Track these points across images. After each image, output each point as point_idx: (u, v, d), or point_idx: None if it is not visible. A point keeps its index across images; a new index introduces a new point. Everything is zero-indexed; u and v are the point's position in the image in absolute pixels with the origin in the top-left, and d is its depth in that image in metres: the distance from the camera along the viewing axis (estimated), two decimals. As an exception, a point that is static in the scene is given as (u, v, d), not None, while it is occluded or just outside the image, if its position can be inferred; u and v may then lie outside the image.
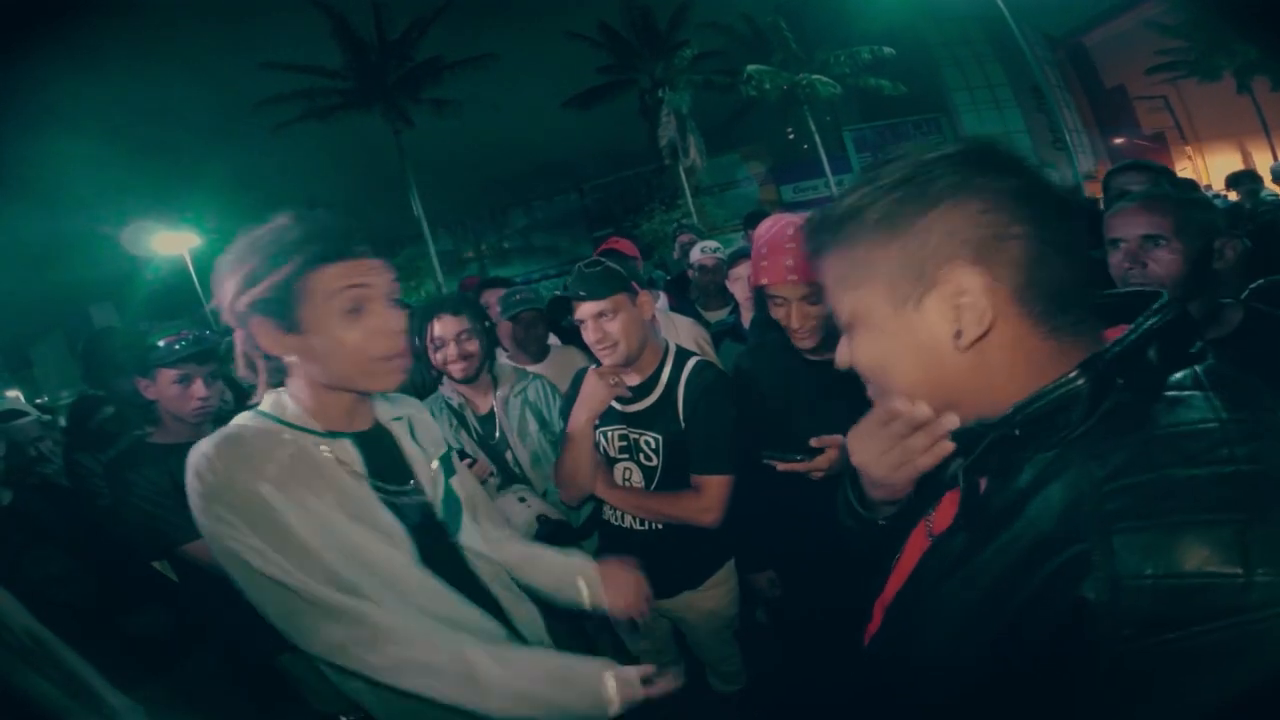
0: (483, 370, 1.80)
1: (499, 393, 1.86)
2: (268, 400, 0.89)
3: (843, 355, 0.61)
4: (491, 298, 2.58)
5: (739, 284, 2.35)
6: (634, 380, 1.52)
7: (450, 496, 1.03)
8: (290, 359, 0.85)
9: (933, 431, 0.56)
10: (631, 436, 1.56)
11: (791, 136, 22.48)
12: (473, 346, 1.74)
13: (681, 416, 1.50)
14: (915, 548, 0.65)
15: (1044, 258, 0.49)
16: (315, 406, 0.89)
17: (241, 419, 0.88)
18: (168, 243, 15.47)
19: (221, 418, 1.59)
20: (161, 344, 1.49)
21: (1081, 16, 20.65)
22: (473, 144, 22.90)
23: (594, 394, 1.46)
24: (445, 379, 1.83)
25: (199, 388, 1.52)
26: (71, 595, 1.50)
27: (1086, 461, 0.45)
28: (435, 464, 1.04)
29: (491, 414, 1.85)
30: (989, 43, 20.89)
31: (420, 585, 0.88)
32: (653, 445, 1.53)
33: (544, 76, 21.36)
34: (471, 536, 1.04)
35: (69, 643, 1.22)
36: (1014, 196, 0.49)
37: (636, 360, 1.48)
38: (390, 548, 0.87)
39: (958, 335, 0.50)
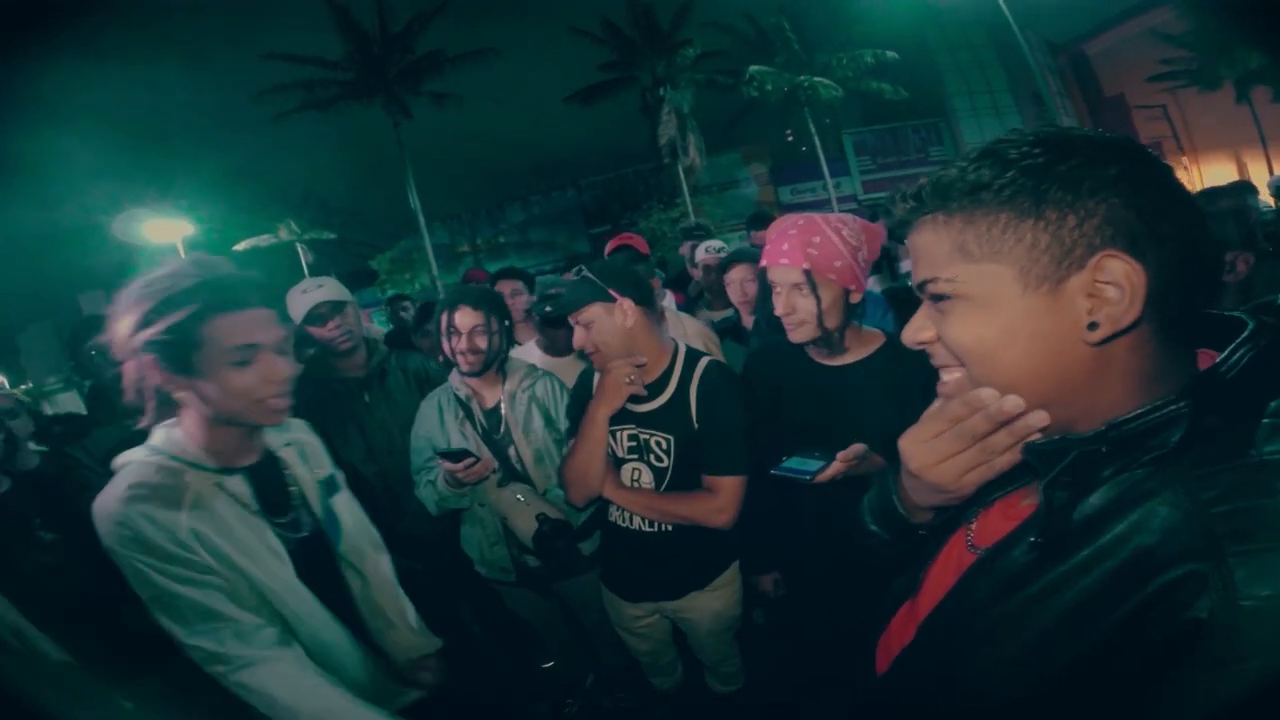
0: (490, 366, 1.79)
1: (506, 387, 1.85)
2: (160, 436, 0.96)
3: (923, 332, 0.57)
4: (507, 288, 2.56)
5: (734, 286, 2.36)
6: (644, 380, 1.49)
7: (330, 515, 1.16)
8: (180, 396, 0.93)
9: (1020, 429, 0.52)
10: (642, 437, 1.54)
11: (790, 138, 22.50)
12: (483, 343, 1.74)
13: (695, 417, 1.48)
14: (953, 561, 0.63)
15: (1185, 267, 0.48)
16: (207, 441, 0.96)
17: (136, 454, 0.94)
18: (161, 231, 15.34)
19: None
20: None
21: (1085, 24, 20.69)
22: (471, 138, 22.85)
23: (615, 390, 1.44)
24: (454, 370, 1.83)
25: None
26: (64, 587, 1.45)
27: (1188, 483, 0.44)
28: (319, 485, 1.16)
29: (498, 408, 1.84)
30: (992, 48, 20.85)
31: (297, 598, 1.01)
32: (664, 446, 1.52)
33: (545, 72, 21.33)
34: (348, 546, 1.18)
35: (60, 636, 1.20)
36: (1171, 198, 0.49)
37: (641, 360, 1.47)
38: (275, 565, 1.00)
39: (1091, 327, 0.47)
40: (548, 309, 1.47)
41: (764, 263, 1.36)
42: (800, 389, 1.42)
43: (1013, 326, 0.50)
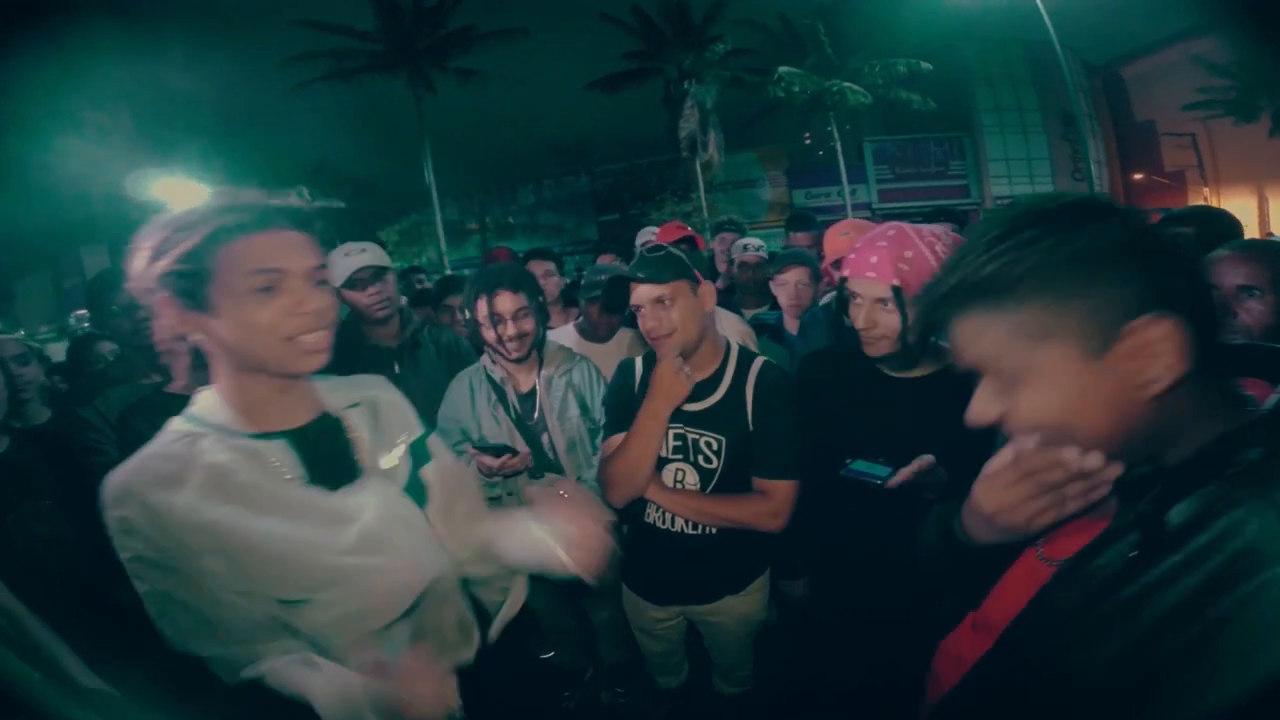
0: (534, 351, 1.72)
1: (543, 372, 1.77)
2: (200, 401, 0.83)
3: (990, 413, 0.61)
4: (540, 269, 2.50)
5: (787, 288, 2.30)
6: (695, 377, 1.42)
7: (415, 489, 0.95)
8: (198, 339, 0.79)
9: (1097, 480, 0.58)
10: (690, 436, 1.47)
11: (808, 141, 22.37)
12: (529, 325, 1.67)
13: (750, 418, 1.42)
14: (1023, 575, 0.70)
15: (1206, 306, 0.55)
16: (243, 401, 0.82)
17: (172, 424, 0.82)
18: (173, 191, 15.24)
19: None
20: None
21: (1125, 46, 20.45)
22: (489, 117, 22.65)
23: (674, 386, 1.36)
24: (487, 352, 1.75)
25: None
26: (60, 561, 1.35)
27: (1270, 493, 0.50)
28: (399, 451, 0.95)
29: (533, 393, 1.77)
30: (1027, 65, 20.57)
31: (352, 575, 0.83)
32: (714, 447, 1.45)
33: (569, 56, 21.06)
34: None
35: (49, 613, 1.09)
36: (1195, 249, 0.56)
37: (693, 354, 1.42)
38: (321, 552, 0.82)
39: (1147, 384, 0.53)
40: (642, 275, 1.36)
41: (848, 273, 1.30)
42: (865, 398, 1.36)
43: (1082, 396, 0.55)
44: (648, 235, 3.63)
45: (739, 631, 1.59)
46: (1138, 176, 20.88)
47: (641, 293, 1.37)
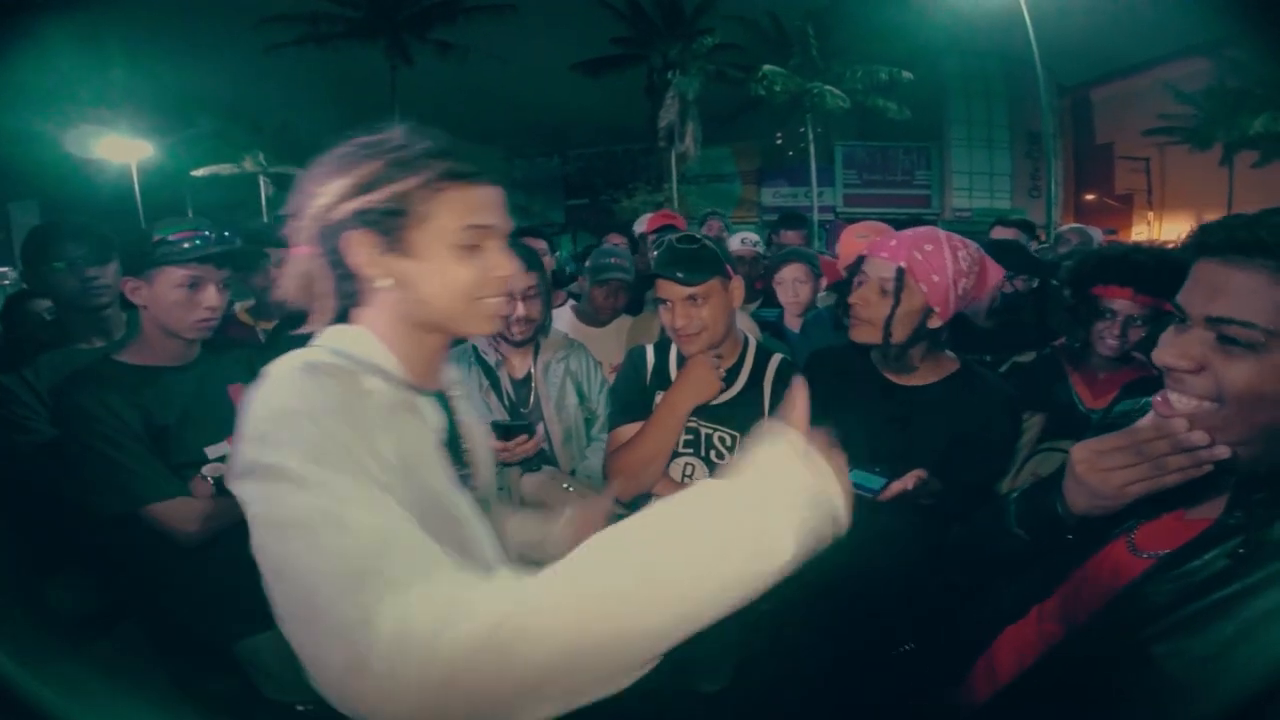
0: (538, 333, 1.62)
1: (541, 357, 1.67)
2: (338, 336, 0.71)
3: (1185, 360, 0.61)
4: (535, 248, 2.38)
5: (786, 286, 2.27)
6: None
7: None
8: (383, 284, 0.70)
9: (1204, 458, 0.59)
10: (704, 431, 1.42)
11: (780, 141, 22.66)
12: (537, 307, 1.57)
13: (767, 415, 1.37)
14: (1110, 566, 0.72)
15: None
16: (402, 353, 0.73)
17: (307, 355, 0.66)
18: (116, 149, 14.30)
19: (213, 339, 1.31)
20: (172, 238, 1.21)
21: (1099, 69, 21.29)
22: (463, 91, 21.84)
23: (707, 385, 1.33)
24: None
25: (210, 295, 1.24)
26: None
27: None
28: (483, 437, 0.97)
29: (528, 379, 1.66)
30: (1004, 81, 21.26)
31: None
32: (728, 443, 1.41)
33: (554, 35, 20.70)
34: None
35: None
36: None
37: (716, 349, 1.38)
38: (468, 527, 0.75)
39: None
40: (679, 275, 1.28)
41: (865, 251, 1.31)
42: (863, 401, 1.34)
43: None
44: (642, 225, 3.53)
45: (729, 624, 1.53)
46: (1090, 197, 21.98)
47: (672, 290, 1.30)
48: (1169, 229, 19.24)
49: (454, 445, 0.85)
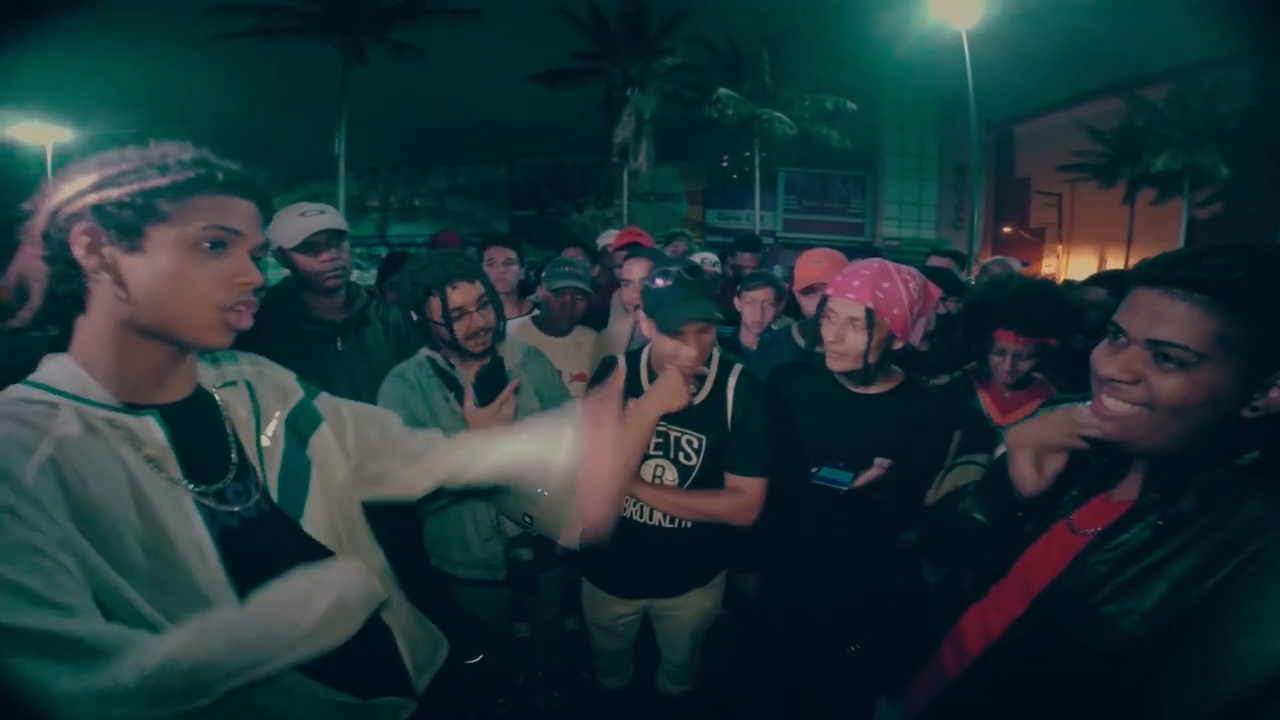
0: (495, 342, 1.60)
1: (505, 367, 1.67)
2: (46, 368, 0.71)
3: (1126, 373, 0.71)
4: (500, 256, 2.43)
5: (754, 306, 2.37)
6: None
7: (296, 466, 0.86)
8: (102, 279, 0.69)
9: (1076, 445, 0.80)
10: (672, 434, 1.53)
11: (725, 164, 23.28)
12: (491, 315, 1.54)
13: (730, 420, 1.51)
14: (1055, 545, 0.83)
15: None
16: (113, 367, 0.71)
17: (11, 393, 0.68)
18: (30, 133, 13.32)
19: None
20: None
21: (1024, 106, 22.40)
22: (414, 94, 21.22)
23: (677, 397, 1.43)
24: (448, 353, 1.58)
25: None
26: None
27: (1261, 483, 0.69)
28: (274, 427, 0.87)
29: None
30: (936, 115, 22.57)
31: (225, 601, 0.71)
32: (695, 445, 1.52)
33: (514, 44, 20.35)
34: (316, 514, 0.87)
35: None
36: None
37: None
38: (194, 558, 0.71)
39: (1253, 409, 0.67)
40: (718, 317, 1.42)
41: (831, 291, 1.46)
42: (829, 409, 1.52)
43: (1216, 403, 0.67)
44: (607, 239, 3.64)
45: (698, 625, 1.65)
46: (1007, 229, 23.49)
47: (698, 325, 1.40)
48: (1076, 263, 20.75)
49: (215, 447, 0.80)
